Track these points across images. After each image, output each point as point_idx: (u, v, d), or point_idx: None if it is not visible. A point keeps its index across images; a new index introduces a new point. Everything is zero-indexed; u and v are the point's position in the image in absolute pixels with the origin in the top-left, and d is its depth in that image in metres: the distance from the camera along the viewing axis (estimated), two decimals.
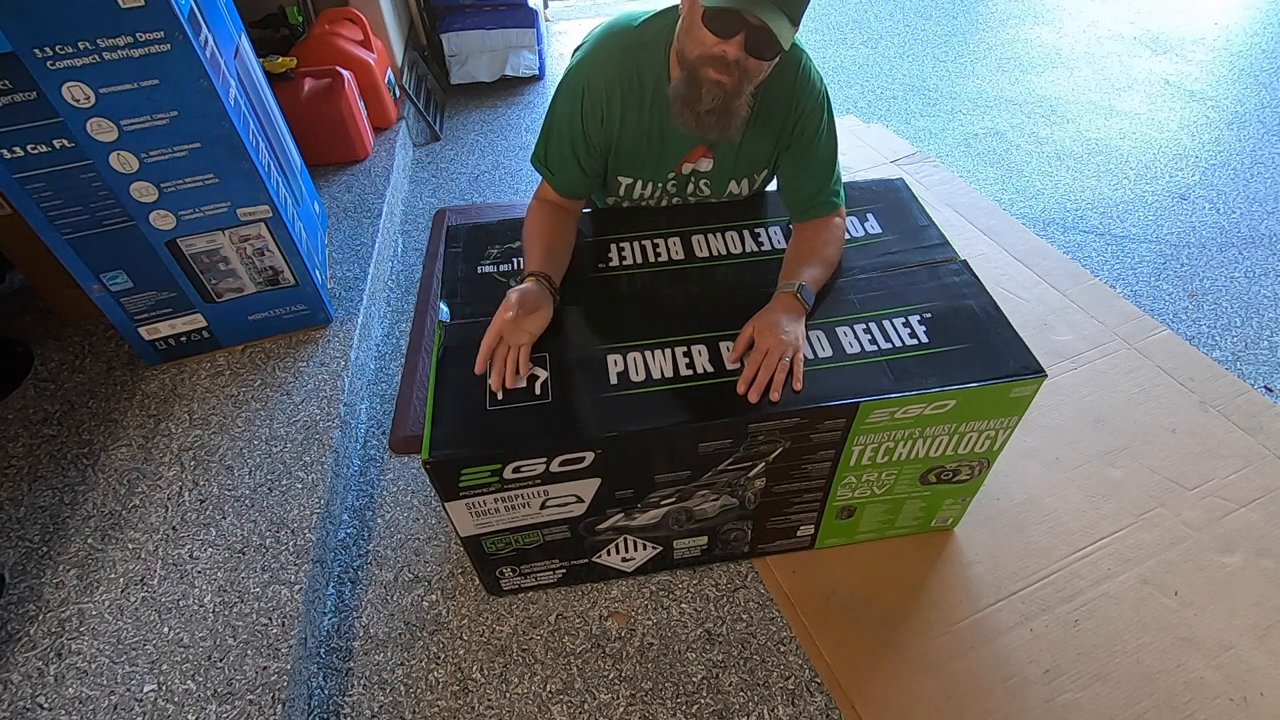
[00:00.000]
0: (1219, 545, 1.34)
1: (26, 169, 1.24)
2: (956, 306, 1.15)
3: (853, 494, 1.22)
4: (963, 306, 1.15)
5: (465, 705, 1.20)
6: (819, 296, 1.16)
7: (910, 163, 2.36)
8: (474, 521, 1.11)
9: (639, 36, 1.11)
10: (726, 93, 1.00)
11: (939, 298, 1.17)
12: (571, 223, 1.25)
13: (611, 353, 1.10)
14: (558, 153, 1.19)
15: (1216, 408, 1.57)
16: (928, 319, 1.13)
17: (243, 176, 1.39)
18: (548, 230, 1.20)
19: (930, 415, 1.07)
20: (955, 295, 1.17)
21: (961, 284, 1.19)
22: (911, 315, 1.14)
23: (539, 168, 1.23)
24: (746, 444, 1.06)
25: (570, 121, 1.15)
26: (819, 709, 1.18)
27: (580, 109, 1.14)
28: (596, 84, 1.12)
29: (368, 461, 1.59)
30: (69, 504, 1.36)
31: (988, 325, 1.12)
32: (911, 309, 1.15)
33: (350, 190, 2.20)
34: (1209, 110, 2.84)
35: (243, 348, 1.66)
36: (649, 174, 1.24)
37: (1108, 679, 1.18)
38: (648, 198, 1.31)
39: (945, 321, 1.13)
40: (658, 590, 1.33)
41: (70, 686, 1.11)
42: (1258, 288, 2.02)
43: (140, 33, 1.16)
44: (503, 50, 2.94)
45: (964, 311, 1.15)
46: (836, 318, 1.15)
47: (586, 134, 1.15)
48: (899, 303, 1.16)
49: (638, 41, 1.11)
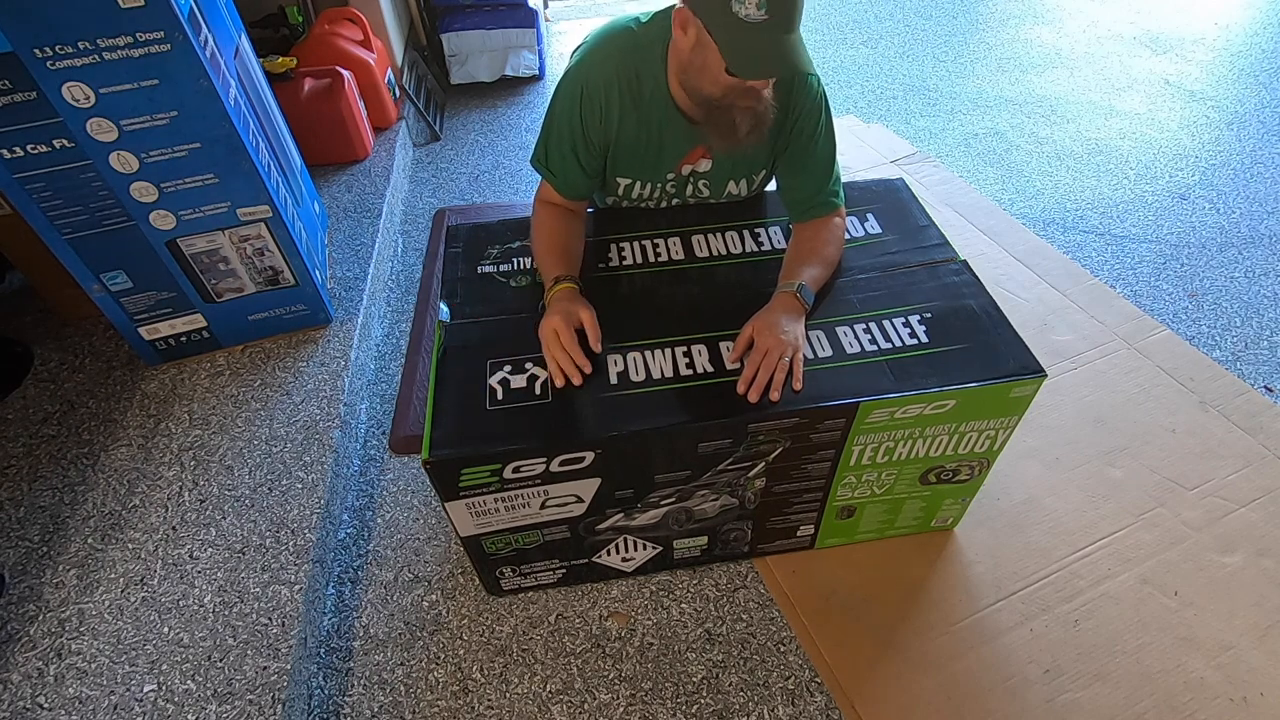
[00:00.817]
0: (1219, 545, 1.34)
1: (26, 169, 1.24)
2: (957, 306, 1.15)
3: (853, 494, 1.22)
4: (963, 306, 1.15)
5: (465, 705, 1.20)
6: (819, 296, 1.16)
7: (910, 163, 2.36)
8: (474, 521, 1.11)
9: (637, 39, 1.11)
10: (758, 113, 1.03)
11: (939, 298, 1.17)
12: (579, 223, 1.25)
13: (611, 353, 1.10)
14: (558, 153, 1.18)
15: (1216, 408, 1.57)
16: (928, 319, 1.13)
17: (243, 176, 1.39)
18: (559, 234, 1.20)
19: (930, 415, 1.07)
20: (955, 295, 1.17)
21: (961, 284, 1.19)
22: (911, 315, 1.14)
23: (539, 168, 1.22)
24: (746, 444, 1.06)
25: (570, 121, 1.15)
26: (819, 709, 1.18)
27: (579, 108, 1.13)
28: (595, 84, 1.12)
29: (368, 461, 1.59)
30: (69, 504, 1.36)
31: (988, 325, 1.12)
32: (911, 309, 1.15)
33: (350, 190, 2.20)
34: (1209, 110, 2.83)
35: (243, 348, 1.66)
36: (648, 175, 1.24)
37: (1108, 679, 1.18)
38: (647, 198, 1.31)
39: (945, 321, 1.13)
40: (658, 590, 1.33)
41: (70, 686, 1.11)
42: (1258, 288, 2.02)
43: (140, 33, 1.16)
44: (503, 50, 2.94)
45: (964, 311, 1.15)
46: (836, 317, 1.14)
47: (586, 134, 1.15)
48: (899, 302, 1.16)
49: (635, 44, 1.11)
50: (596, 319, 1.08)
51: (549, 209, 1.23)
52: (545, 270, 1.17)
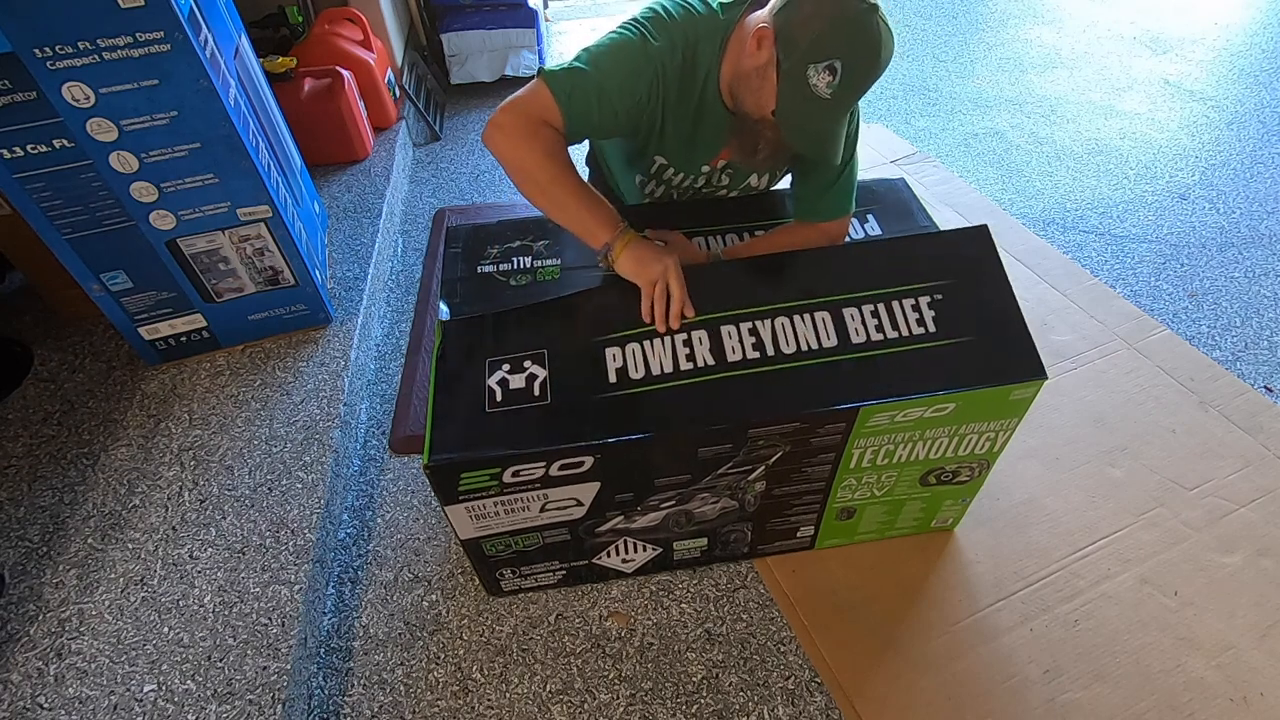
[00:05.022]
0: (1219, 545, 1.34)
1: (26, 169, 1.24)
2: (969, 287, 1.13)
3: (853, 495, 1.22)
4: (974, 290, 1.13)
5: (465, 705, 1.20)
6: (822, 276, 1.12)
7: (910, 163, 2.36)
8: (474, 524, 1.11)
9: (712, 25, 1.06)
10: (781, 145, 1.05)
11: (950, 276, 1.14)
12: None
13: (610, 345, 1.08)
14: (598, 100, 1.03)
15: (1216, 408, 1.57)
16: (938, 301, 1.10)
17: (243, 176, 1.39)
18: (576, 178, 1.07)
19: (930, 418, 1.07)
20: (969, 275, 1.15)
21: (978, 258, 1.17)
22: (922, 296, 1.10)
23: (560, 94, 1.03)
24: (746, 448, 1.06)
25: (633, 83, 1.04)
26: (819, 709, 1.18)
27: (645, 83, 1.04)
28: (669, 67, 1.05)
29: (368, 461, 1.59)
30: (69, 504, 1.36)
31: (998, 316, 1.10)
32: (921, 288, 1.11)
33: (350, 190, 2.20)
34: (1209, 110, 2.83)
35: (243, 348, 1.66)
36: (682, 162, 1.23)
37: (1108, 679, 1.18)
38: (676, 185, 1.29)
39: (955, 306, 1.10)
40: (658, 590, 1.33)
41: (70, 686, 1.11)
42: (1257, 288, 2.02)
43: (140, 33, 1.16)
44: (503, 50, 2.94)
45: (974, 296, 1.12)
46: (844, 295, 1.10)
47: (637, 102, 1.06)
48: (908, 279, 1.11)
49: (710, 30, 1.06)
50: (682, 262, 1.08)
51: (551, 156, 1.05)
52: (590, 223, 1.05)
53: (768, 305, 1.09)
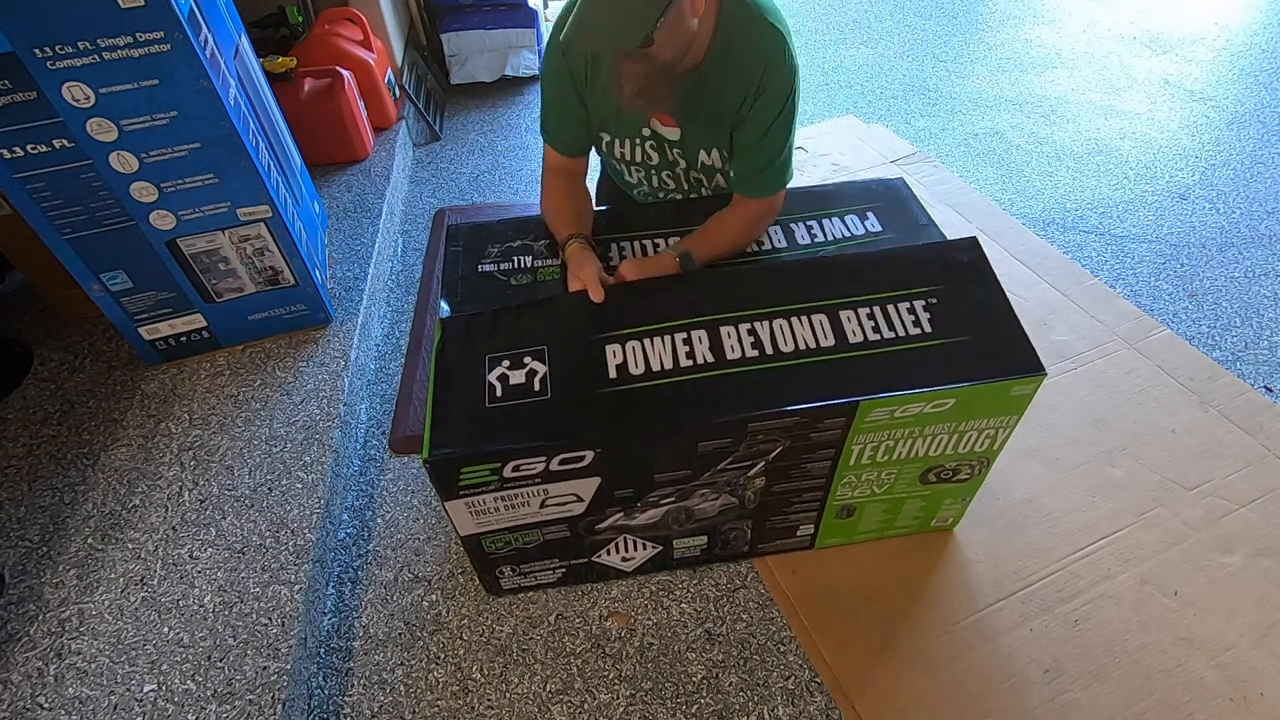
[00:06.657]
0: (1219, 545, 1.34)
1: (26, 169, 1.24)
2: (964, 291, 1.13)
3: (852, 493, 1.22)
4: (969, 292, 1.13)
5: (465, 705, 1.20)
6: (819, 279, 1.15)
7: (910, 163, 2.36)
8: (474, 520, 1.11)
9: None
10: (641, 85, 1.07)
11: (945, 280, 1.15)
12: (582, 183, 1.35)
13: (610, 342, 1.09)
14: (554, 112, 1.26)
15: (1216, 408, 1.57)
16: (933, 304, 1.11)
17: (243, 176, 1.39)
18: (565, 197, 1.29)
19: (930, 414, 1.06)
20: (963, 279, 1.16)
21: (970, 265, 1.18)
22: (917, 300, 1.12)
23: (542, 134, 1.31)
24: (746, 443, 1.06)
25: (559, 79, 1.21)
26: (819, 709, 1.18)
27: (567, 65, 1.19)
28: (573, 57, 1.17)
29: (368, 461, 1.59)
30: (69, 504, 1.36)
31: (994, 315, 1.10)
32: (916, 292, 1.13)
33: (350, 190, 2.20)
34: (1209, 110, 2.84)
35: (243, 348, 1.66)
36: (623, 131, 1.27)
37: (1108, 679, 1.18)
38: (629, 159, 1.32)
39: (951, 307, 1.11)
40: (658, 590, 1.33)
41: (70, 686, 1.11)
42: (1257, 288, 2.02)
43: (140, 33, 1.17)
44: (503, 50, 2.95)
45: (970, 298, 1.13)
46: (840, 299, 1.12)
47: (576, 87, 1.21)
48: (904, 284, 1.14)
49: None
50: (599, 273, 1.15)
51: (554, 176, 1.32)
52: (557, 233, 1.26)
53: (765, 308, 1.11)
